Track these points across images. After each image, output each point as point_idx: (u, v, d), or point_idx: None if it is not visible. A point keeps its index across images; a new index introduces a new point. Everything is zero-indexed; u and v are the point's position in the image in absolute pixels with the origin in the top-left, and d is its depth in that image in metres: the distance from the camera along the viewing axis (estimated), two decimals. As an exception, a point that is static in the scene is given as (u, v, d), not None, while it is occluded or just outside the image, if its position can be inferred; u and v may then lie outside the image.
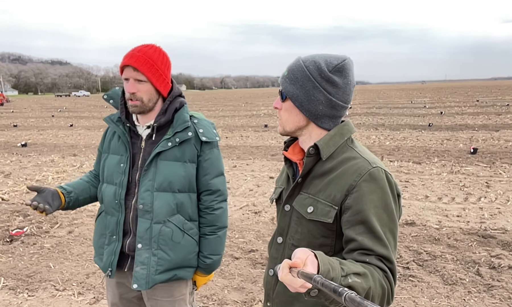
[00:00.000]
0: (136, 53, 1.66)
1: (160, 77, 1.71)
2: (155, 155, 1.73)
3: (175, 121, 1.76)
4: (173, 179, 1.75)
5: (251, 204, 5.97)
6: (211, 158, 1.83)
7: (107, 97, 1.85)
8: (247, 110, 28.02)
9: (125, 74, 1.68)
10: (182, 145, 1.76)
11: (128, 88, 1.68)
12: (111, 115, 1.85)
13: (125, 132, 1.80)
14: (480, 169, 7.74)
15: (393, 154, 9.62)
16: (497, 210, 5.39)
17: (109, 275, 1.81)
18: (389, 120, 17.57)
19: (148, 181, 1.74)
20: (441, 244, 4.30)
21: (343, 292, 0.75)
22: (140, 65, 1.65)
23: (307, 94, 1.19)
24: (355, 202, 1.11)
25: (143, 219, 1.75)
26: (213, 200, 1.84)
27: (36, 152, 11.34)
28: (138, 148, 1.79)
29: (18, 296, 3.49)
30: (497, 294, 3.30)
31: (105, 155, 1.89)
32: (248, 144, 11.90)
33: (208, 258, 1.86)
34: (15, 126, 19.63)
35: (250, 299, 3.35)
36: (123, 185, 1.77)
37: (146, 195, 1.74)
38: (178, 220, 1.78)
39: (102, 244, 1.86)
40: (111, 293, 1.94)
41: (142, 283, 1.75)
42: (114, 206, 1.79)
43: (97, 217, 1.93)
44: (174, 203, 1.76)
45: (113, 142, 1.85)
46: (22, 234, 4.85)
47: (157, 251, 1.75)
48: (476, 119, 16.57)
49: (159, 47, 1.73)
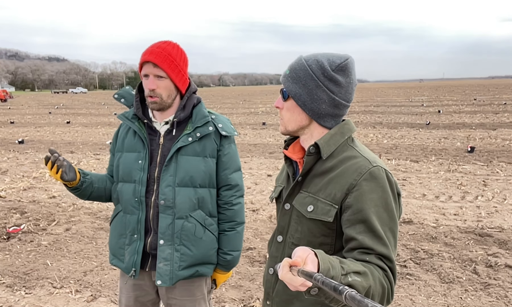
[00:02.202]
0: (155, 49, 1.65)
1: (179, 73, 1.70)
2: (175, 150, 1.71)
3: (194, 116, 1.76)
4: (194, 174, 1.73)
5: (249, 202, 5.96)
6: (230, 152, 1.82)
7: (118, 96, 1.83)
8: (245, 107, 28.00)
9: (145, 70, 1.67)
10: (202, 140, 1.75)
11: (149, 85, 1.66)
12: (125, 112, 1.82)
13: (142, 128, 1.77)
14: (477, 168, 7.76)
15: (391, 152, 9.64)
16: (494, 209, 5.41)
17: (133, 275, 1.77)
18: (386, 118, 17.60)
19: (169, 176, 1.72)
20: (438, 243, 4.32)
21: (343, 290, 0.75)
22: (160, 62, 1.63)
23: (310, 93, 1.19)
24: (356, 201, 1.11)
25: (165, 215, 1.72)
26: (232, 195, 1.83)
27: (33, 149, 11.30)
28: (156, 144, 1.77)
29: (15, 294, 3.48)
30: (494, 293, 3.31)
31: (118, 154, 1.84)
32: (246, 142, 11.89)
33: (228, 255, 1.84)
34: (12, 122, 19.55)
35: (248, 297, 3.36)
36: (142, 182, 1.74)
37: (167, 191, 1.72)
38: (199, 215, 1.77)
39: (122, 245, 1.81)
40: (126, 295, 1.89)
41: (166, 279, 1.73)
42: (134, 204, 1.76)
43: (112, 219, 1.88)
44: (195, 198, 1.75)
45: (128, 140, 1.81)
46: (19, 232, 4.84)
47: (179, 247, 1.74)
48: (474, 118, 16.62)
49: (177, 44, 1.73)
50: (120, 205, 1.83)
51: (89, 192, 1.83)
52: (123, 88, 1.86)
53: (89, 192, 1.83)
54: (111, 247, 1.88)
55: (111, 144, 1.93)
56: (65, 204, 5.93)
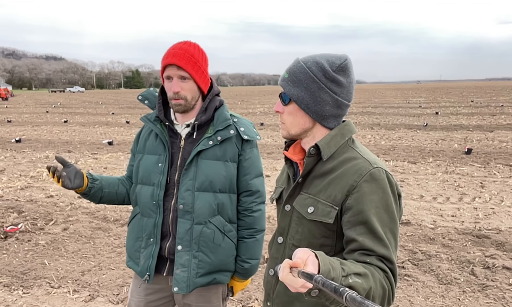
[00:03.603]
0: (178, 51, 1.61)
1: (202, 74, 1.67)
2: (196, 154, 1.68)
3: (216, 119, 1.72)
4: (215, 178, 1.69)
5: (247, 202, 5.96)
6: (252, 157, 1.78)
7: (142, 98, 1.81)
8: (243, 108, 27.99)
9: (168, 72, 1.63)
10: (223, 143, 1.71)
11: (173, 87, 1.63)
12: (148, 114, 1.80)
13: (164, 131, 1.75)
14: (474, 169, 7.79)
15: (389, 153, 9.65)
16: (492, 210, 5.43)
17: (147, 280, 1.74)
18: (384, 119, 17.63)
19: (189, 180, 1.68)
20: (436, 244, 4.33)
21: (344, 292, 0.75)
22: (184, 64, 1.60)
23: (312, 96, 1.18)
24: (356, 203, 1.11)
25: (183, 220, 1.69)
26: (252, 202, 1.78)
27: (31, 148, 11.26)
28: (177, 147, 1.74)
29: (12, 293, 3.46)
30: (491, 294, 3.33)
31: (139, 155, 1.82)
32: (244, 142, 11.88)
33: (247, 263, 1.80)
34: (9, 121, 19.47)
35: (246, 298, 3.35)
36: (161, 185, 1.71)
37: (186, 195, 1.68)
38: (218, 221, 1.73)
39: (138, 248, 1.78)
40: (136, 300, 1.84)
41: (183, 286, 1.69)
42: (152, 208, 1.73)
43: (130, 220, 1.85)
44: (215, 203, 1.71)
45: (150, 142, 1.79)
46: (17, 231, 4.82)
47: (197, 253, 1.70)
48: (471, 120, 16.68)
49: (197, 44, 1.68)
50: (138, 207, 1.80)
51: (99, 197, 1.82)
52: (147, 90, 1.83)
53: (98, 197, 1.81)
54: (128, 249, 1.85)
55: (133, 145, 1.90)
56: (62, 204, 5.92)
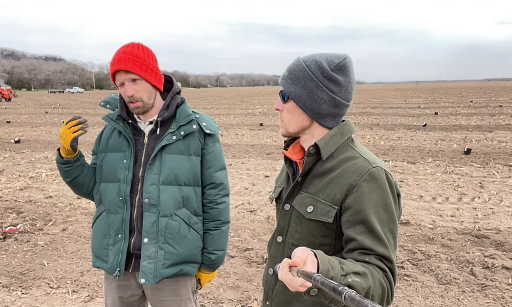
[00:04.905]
0: (122, 56, 1.67)
1: (152, 72, 1.72)
2: (160, 148, 1.73)
3: (178, 115, 1.78)
4: (179, 172, 1.75)
5: (247, 202, 5.96)
6: (215, 151, 1.84)
7: (104, 103, 1.86)
8: (242, 108, 27.99)
9: (119, 79, 1.69)
10: (186, 138, 1.77)
11: (126, 92, 1.68)
12: (110, 114, 1.84)
13: (127, 128, 1.79)
14: (473, 170, 7.79)
15: (388, 154, 9.66)
16: (491, 211, 5.43)
17: (118, 275, 1.76)
18: (383, 120, 17.64)
19: (153, 175, 1.73)
20: (435, 244, 4.33)
21: (343, 291, 0.75)
22: (131, 67, 1.65)
23: (310, 94, 1.19)
24: (355, 202, 1.11)
25: (149, 213, 1.73)
26: (216, 194, 1.84)
27: (30, 149, 11.25)
28: (141, 144, 1.79)
29: (11, 294, 3.46)
30: (491, 294, 3.33)
31: (102, 154, 1.84)
32: (244, 143, 11.89)
33: (213, 254, 1.85)
34: (8, 122, 19.46)
35: (245, 298, 3.35)
36: (127, 181, 1.75)
37: (151, 189, 1.72)
38: (184, 214, 1.78)
39: (106, 245, 1.80)
40: (111, 298, 1.88)
41: (150, 277, 1.73)
42: (118, 204, 1.76)
43: (95, 220, 1.87)
44: (180, 196, 1.76)
45: (113, 140, 1.82)
46: (16, 231, 4.81)
47: (164, 245, 1.74)
48: (470, 120, 16.68)
49: (140, 44, 1.75)
50: (103, 205, 1.83)
51: (76, 173, 1.82)
52: (109, 95, 1.89)
53: (76, 173, 1.82)
54: (94, 249, 1.86)
55: (94, 146, 1.93)
56: (61, 204, 5.91)
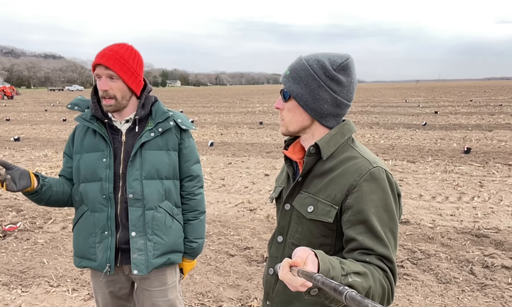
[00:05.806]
0: (107, 52, 1.71)
1: (132, 75, 1.75)
2: (140, 145, 1.79)
3: (154, 113, 1.85)
4: (160, 166, 1.83)
5: (246, 201, 5.97)
6: (190, 145, 1.94)
7: (71, 106, 1.88)
8: (242, 107, 27.98)
9: (97, 71, 1.73)
10: (164, 134, 1.85)
11: (101, 86, 1.72)
12: (82, 114, 1.85)
13: (102, 127, 1.82)
14: (473, 169, 7.80)
15: (388, 153, 9.66)
16: (490, 210, 5.43)
17: (108, 271, 1.82)
18: (383, 118, 17.63)
19: (135, 170, 1.79)
20: (435, 243, 4.34)
21: (343, 290, 0.75)
22: (111, 64, 1.69)
23: (311, 93, 1.18)
24: (356, 202, 1.12)
25: (134, 208, 1.79)
26: (194, 186, 1.95)
27: (29, 147, 11.25)
28: (119, 142, 1.83)
29: (11, 292, 3.46)
30: (490, 293, 3.33)
31: (77, 155, 1.84)
32: (243, 141, 11.89)
33: (194, 242, 1.96)
34: (8, 120, 19.45)
35: (245, 296, 3.36)
36: (109, 179, 1.79)
37: (135, 184, 1.79)
38: (167, 206, 1.87)
39: (92, 244, 1.83)
40: (101, 294, 1.95)
41: (142, 268, 1.80)
42: (102, 202, 1.79)
43: (76, 221, 1.87)
44: (163, 189, 1.84)
45: (88, 140, 1.83)
46: (15, 230, 4.82)
47: (152, 236, 1.82)
48: (470, 119, 16.69)
49: (131, 46, 1.79)
50: (85, 205, 1.84)
51: (48, 196, 1.78)
52: (75, 98, 1.92)
53: (48, 195, 1.78)
54: (78, 250, 1.88)
55: (66, 147, 1.92)
56: (61, 203, 5.91)
